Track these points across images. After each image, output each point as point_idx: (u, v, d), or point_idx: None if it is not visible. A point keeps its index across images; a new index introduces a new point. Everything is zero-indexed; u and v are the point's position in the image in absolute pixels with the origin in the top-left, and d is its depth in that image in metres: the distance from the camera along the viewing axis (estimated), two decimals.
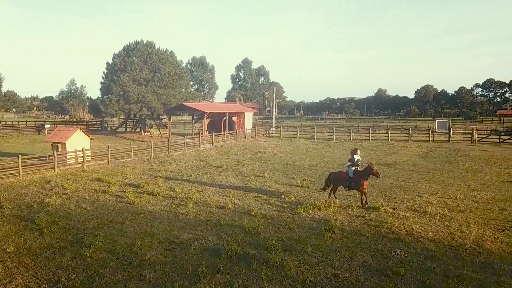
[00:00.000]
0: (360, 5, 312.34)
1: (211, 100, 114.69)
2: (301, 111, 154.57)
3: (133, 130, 50.63)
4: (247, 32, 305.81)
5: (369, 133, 43.33)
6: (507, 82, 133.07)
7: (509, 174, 21.29)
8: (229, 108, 50.73)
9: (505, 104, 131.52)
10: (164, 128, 50.72)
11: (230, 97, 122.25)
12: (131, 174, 20.68)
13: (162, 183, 18.27)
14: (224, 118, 45.02)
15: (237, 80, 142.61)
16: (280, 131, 47.95)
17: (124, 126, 52.13)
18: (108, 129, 54.46)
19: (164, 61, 48.41)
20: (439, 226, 11.73)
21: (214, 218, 12.57)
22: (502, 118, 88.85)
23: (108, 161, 24.10)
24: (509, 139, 38.73)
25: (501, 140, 38.76)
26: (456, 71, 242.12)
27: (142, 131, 47.79)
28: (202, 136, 35.06)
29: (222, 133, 39.22)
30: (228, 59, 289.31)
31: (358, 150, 15.03)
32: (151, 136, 43.47)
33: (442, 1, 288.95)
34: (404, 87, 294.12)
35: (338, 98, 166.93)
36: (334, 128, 46.86)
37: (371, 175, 14.10)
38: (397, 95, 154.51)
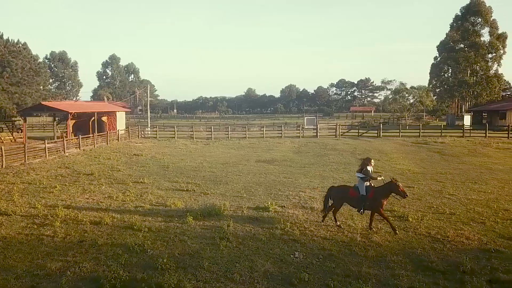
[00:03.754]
0: (237, 6, 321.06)
1: (75, 99, 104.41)
2: (175, 110, 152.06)
3: None
4: (114, 25, 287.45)
5: (245, 131, 44.36)
6: (355, 82, 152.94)
7: None
8: (98, 108, 46.38)
9: (355, 102, 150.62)
10: (18, 132, 43.94)
11: (97, 96, 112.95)
12: None
13: (18, 198, 15.21)
14: (93, 118, 40.92)
15: (104, 77, 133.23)
16: (156, 131, 45.78)
17: None
18: None
19: (15, 54, 42.01)
20: (327, 221, 11.96)
21: (89, 238, 10.69)
22: (354, 114, 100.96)
23: None
24: (366, 133, 43.78)
25: (359, 134, 43.50)
26: (315, 72, 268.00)
27: None
28: (66, 140, 31.06)
29: (91, 135, 35.42)
30: (93, 55, 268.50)
31: (372, 161, 11.47)
32: (2, 142, 37.02)
33: (307, 13, 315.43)
34: (271, 86, 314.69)
35: (211, 97, 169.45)
36: (212, 127, 46.59)
37: (393, 195, 10.73)
38: (265, 94, 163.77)
